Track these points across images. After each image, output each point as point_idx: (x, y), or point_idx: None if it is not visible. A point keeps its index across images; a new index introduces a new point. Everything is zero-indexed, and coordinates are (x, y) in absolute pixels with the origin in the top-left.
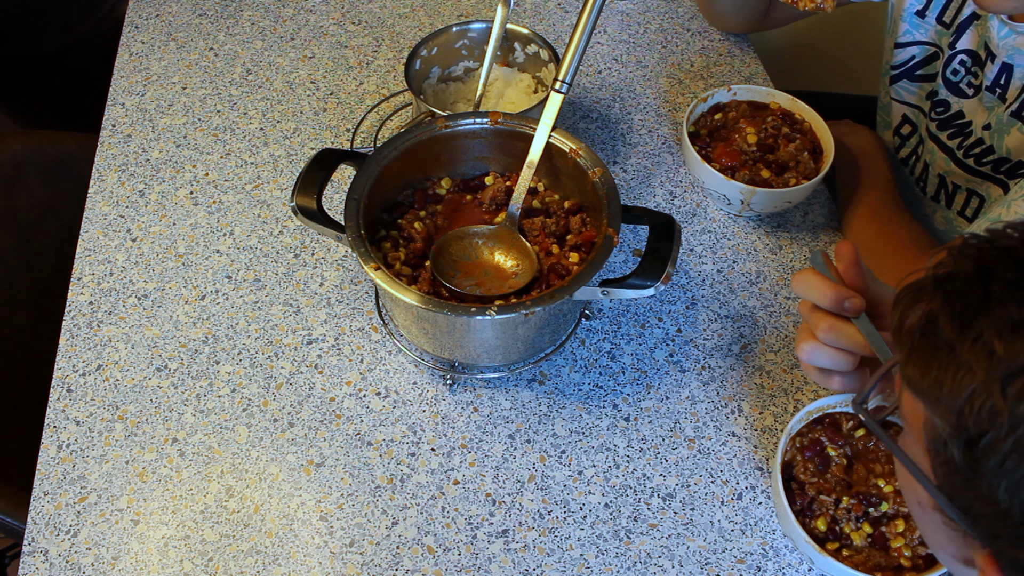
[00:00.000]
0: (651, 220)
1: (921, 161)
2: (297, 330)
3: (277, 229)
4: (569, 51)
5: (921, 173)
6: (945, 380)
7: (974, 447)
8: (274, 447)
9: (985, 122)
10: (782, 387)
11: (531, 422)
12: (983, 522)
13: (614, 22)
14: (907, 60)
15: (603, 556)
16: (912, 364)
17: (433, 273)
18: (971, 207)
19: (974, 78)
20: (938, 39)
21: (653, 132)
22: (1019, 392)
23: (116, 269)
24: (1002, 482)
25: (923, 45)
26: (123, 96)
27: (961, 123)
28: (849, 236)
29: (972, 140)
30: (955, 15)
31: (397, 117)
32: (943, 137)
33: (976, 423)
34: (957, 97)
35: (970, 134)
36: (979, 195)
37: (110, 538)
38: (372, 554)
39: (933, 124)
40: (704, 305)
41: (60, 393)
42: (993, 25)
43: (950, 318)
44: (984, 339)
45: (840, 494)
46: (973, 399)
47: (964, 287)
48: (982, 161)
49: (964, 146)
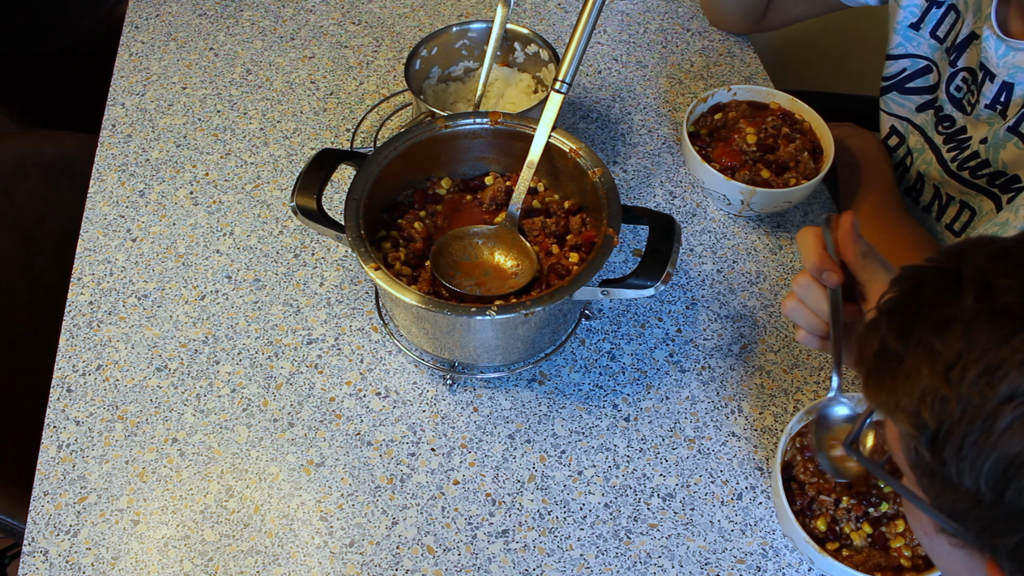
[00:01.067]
0: (651, 220)
1: (913, 171)
2: (297, 330)
3: (277, 229)
4: (569, 51)
5: (915, 183)
6: (899, 388)
7: (936, 442)
8: (274, 447)
9: (983, 136)
10: (782, 387)
11: (531, 422)
12: (968, 520)
13: (614, 22)
14: (898, 72)
15: (603, 556)
16: (871, 386)
17: (433, 273)
18: (960, 220)
19: (971, 96)
20: (931, 53)
21: (653, 132)
22: (960, 378)
23: (116, 269)
24: (964, 466)
25: (915, 58)
26: (123, 96)
27: (962, 138)
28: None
29: (968, 153)
30: (949, 31)
31: (397, 117)
32: (944, 150)
33: (932, 417)
34: (961, 113)
35: (967, 147)
36: (971, 208)
37: (110, 538)
38: (372, 554)
39: (940, 138)
40: (704, 305)
41: (60, 393)
42: (989, 44)
43: (894, 333)
44: (923, 341)
45: (840, 494)
46: (924, 396)
47: (902, 303)
48: (977, 174)
49: (959, 159)
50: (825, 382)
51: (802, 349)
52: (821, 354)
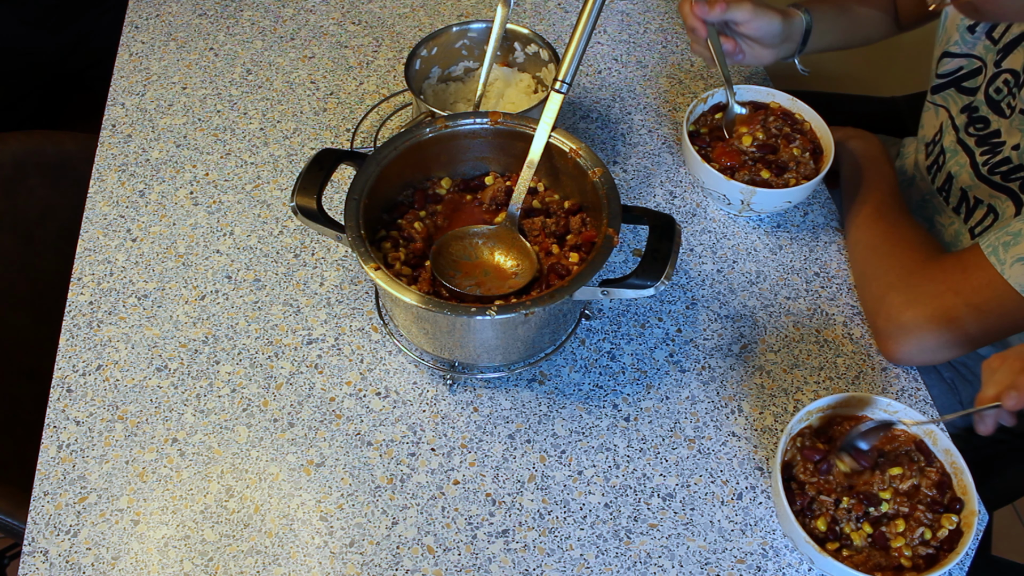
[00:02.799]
0: (651, 220)
1: (944, 172)
2: (297, 330)
3: (277, 229)
4: (569, 51)
5: (944, 184)
6: None
7: None
8: (274, 447)
9: (1015, 143)
10: (782, 387)
11: (531, 422)
12: None
13: (614, 22)
14: (955, 71)
15: (603, 556)
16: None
17: (433, 273)
18: (984, 225)
19: (1012, 99)
20: (984, 54)
21: (653, 132)
22: None
23: (116, 269)
24: None
25: (971, 58)
26: (123, 96)
27: (995, 142)
28: (854, 236)
29: (999, 158)
30: (1003, 32)
31: (397, 117)
32: (977, 153)
33: None
34: (998, 116)
35: (1000, 152)
36: (995, 212)
37: (110, 538)
38: (372, 554)
39: (971, 140)
40: (704, 305)
41: (60, 393)
42: None
43: None
44: None
45: (840, 494)
46: None
47: None
48: (1009, 177)
49: (991, 163)
50: (826, 382)
51: (802, 349)
52: (821, 354)
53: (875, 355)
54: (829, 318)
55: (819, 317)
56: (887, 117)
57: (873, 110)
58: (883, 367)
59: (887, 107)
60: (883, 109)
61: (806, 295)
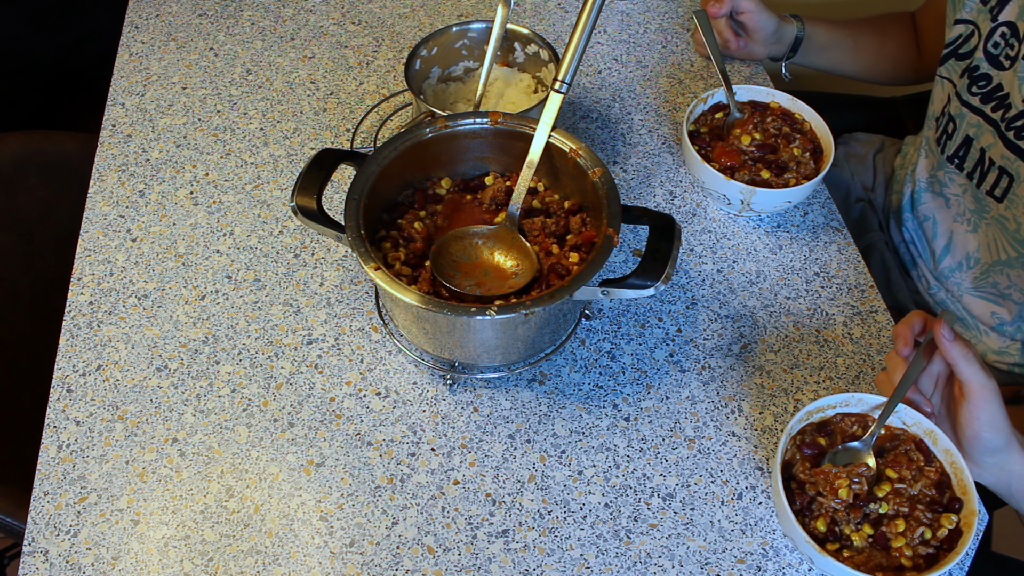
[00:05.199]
0: (651, 220)
1: (958, 138)
2: (297, 330)
3: (277, 229)
4: (569, 51)
5: (956, 151)
6: None
7: None
8: (274, 447)
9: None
10: (782, 387)
11: (531, 422)
12: None
13: (614, 22)
14: (955, 39)
15: (603, 556)
16: None
17: (433, 273)
18: (1000, 186)
19: (1011, 49)
20: (976, 17)
21: (653, 132)
22: None
23: (116, 269)
24: None
25: (967, 23)
26: (123, 96)
27: (1001, 95)
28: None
29: (1014, 112)
30: None
31: (397, 117)
32: (987, 110)
33: None
34: (997, 70)
35: (1010, 106)
36: (1009, 174)
37: (110, 538)
38: (372, 554)
39: (976, 98)
40: (704, 305)
41: (60, 393)
42: None
43: None
44: None
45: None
46: None
47: None
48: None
49: (1007, 118)
50: (825, 382)
51: (802, 349)
52: (821, 354)
53: (875, 355)
54: (829, 318)
55: (819, 317)
56: (887, 117)
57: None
58: (883, 367)
59: (887, 107)
60: (883, 109)
61: (806, 295)
